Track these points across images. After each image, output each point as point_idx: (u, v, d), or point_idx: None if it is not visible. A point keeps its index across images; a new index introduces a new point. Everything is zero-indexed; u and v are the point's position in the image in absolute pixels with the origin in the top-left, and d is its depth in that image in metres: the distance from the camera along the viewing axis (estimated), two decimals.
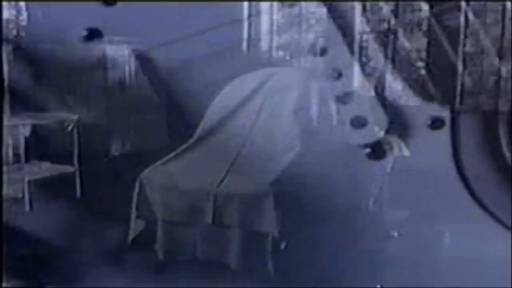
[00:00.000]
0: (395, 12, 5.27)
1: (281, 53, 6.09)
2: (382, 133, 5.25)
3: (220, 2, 6.66)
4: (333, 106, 4.81)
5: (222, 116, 4.82)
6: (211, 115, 4.87)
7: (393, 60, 5.27)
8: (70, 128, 7.06)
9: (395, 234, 5.08)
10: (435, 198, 4.99)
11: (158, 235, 4.47)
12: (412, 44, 5.46)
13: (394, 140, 5.59)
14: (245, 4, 6.61)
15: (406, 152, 5.70)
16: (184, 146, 4.80)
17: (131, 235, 4.75)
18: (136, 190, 4.65)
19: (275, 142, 4.53)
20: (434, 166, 5.15)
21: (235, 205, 4.17)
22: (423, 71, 5.31)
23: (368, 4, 5.32)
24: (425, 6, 5.22)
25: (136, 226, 4.74)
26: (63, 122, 7.01)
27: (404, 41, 5.32)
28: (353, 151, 4.66)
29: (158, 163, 4.75)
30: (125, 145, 9.89)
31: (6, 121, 5.20)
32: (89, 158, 7.22)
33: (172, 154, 4.76)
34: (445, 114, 5.17)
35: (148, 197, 4.49)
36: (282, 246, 4.30)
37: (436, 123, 5.30)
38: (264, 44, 10.41)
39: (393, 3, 5.30)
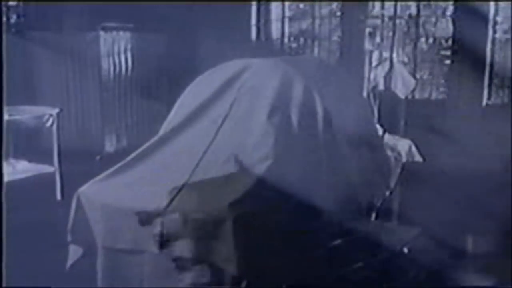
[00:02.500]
0: None
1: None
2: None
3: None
4: (320, 107, 3.64)
5: (183, 119, 3.89)
6: (173, 117, 3.98)
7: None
8: (49, 123, 6.39)
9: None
10: None
11: (98, 264, 3.46)
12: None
13: (406, 144, 4.87)
14: None
15: (418, 158, 4.99)
16: (133, 155, 3.84)
17: (69, 262, 3.64)
18: (72, 209, 3.54)
19: (244, 152, 3.51)
20: None
21: (186, 231, 3.14)
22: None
23: None
24: None
25: (73, 252, 3.73)
26: (41, 117, 6.32)
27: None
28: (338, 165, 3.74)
29: (101, 176, 3.70)
30: (121, 140, 9.34)
31: None
32: (76, 156, 6.69)
33: (118, 165, 3.79)
34: None
35: (87, 218, 3.47)
36: (243, 285, 3.22)
37: None
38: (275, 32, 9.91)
39: None
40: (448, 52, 8.37)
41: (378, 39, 5.05)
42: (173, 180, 3.27)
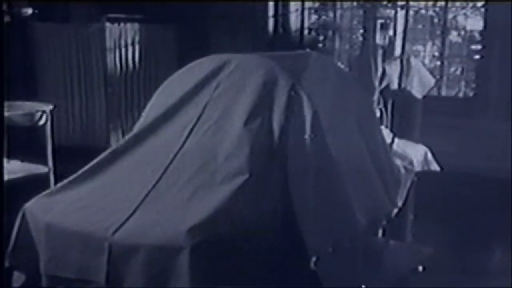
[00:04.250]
0: None
1: None
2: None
3: None
4: (308, 110, 3.06)
5: (149, 124, 3.34)
6: (142, 121, 3.43)
7: None
8: (42, 121, 5.96)
9: None
10: None
11: None
12: None
13: (421, 151, 4.32)
14: None
15: (435, 166, 4.44)
16: (90, 165, 3.28)
17: None
18: (15, 228, 2.96)
19: (215, 164, 2.94)
20: None
21: (137, 260, 2.62)
22: None
23: None
24: None
25: (16, 278, 3.17)
26: (33, 114, 5.88)
27: None
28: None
29: (52, 189, 3.17)
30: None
31: None
32: (79, 154, 6.16)
33: (72, 177, 3.24)
34: None
35: (32, 239, 2.90)
36: None
37: None
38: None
39: None
40: (479, 47, 7.84)
41: (391, 32, 4.49)
42: (129, 197, 2.80)
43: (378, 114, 4.46)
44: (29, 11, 7.67)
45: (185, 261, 2.53)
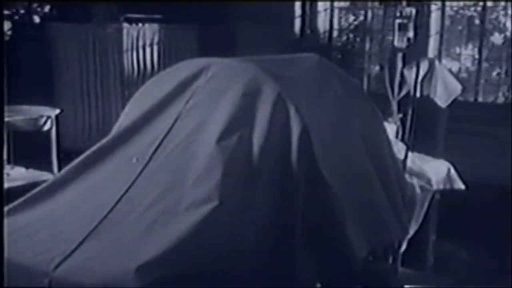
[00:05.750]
0: None
1: None
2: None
3: None
4: (296, 124, 2.60)
5: (112, 139, 2.89)
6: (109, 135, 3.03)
7: None
8: (47, 126, 5.66)
9: None
10: None
11: None
12: None
13: (442, 167, 3.86)
14: None
15: (459, 185, 3.97)
16: (45, 185, 2.88)
17: None
18: None
19: (181, 189, 2.48)
20: None
21: None
22: None
23: None
24: None
25: None
26: (38, 119, 5.57)
27: None
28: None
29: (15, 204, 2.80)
30: None
31: None
32: None
33: (24, 197, 2.84)
34: None
35: None
36: None
37: None
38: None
39: None
40: None
41: (411, 34, 4.04)
42: (79, 224, 2.43)
43: (396, 125, 4.04)
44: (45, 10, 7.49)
45: None
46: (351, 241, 2.83)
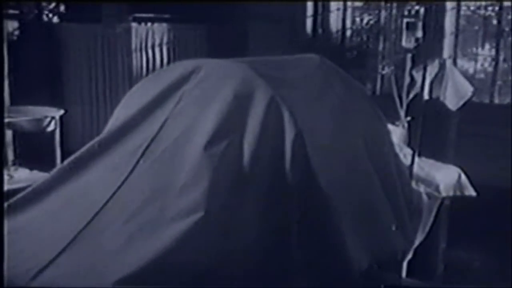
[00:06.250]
0: None
1: None
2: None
3: None
4: (290, 129, 2.43)
5: (99, 143, 2.76)
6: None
7: None
8: (51, 127, 5.55)
9: None
10: None
11: None
12: None
13: (452, 173, 3.69)
14: None
15: (470, 191, 3.80)
16: (29, 190, 2.76)
17: None
18: None
19: (167, 198, 2.33)
20: None
21: None
22: None
23: None
24: None
25: None
26: (41, 120, 5.46)
27: None
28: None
29: None
30: None
31: None
32: None
33: (13, 200, 2.69)
34: None
35: None
36: None
37: None
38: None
39: None
40: None
41: (419, 33, 3.88)
42: (59, 234, 2.30)
43: (403, 128, 3.88)
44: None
45: None
46: (349, 252, 2.68)
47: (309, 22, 8.08)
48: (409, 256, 3.42)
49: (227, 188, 2.35)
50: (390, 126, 3.70)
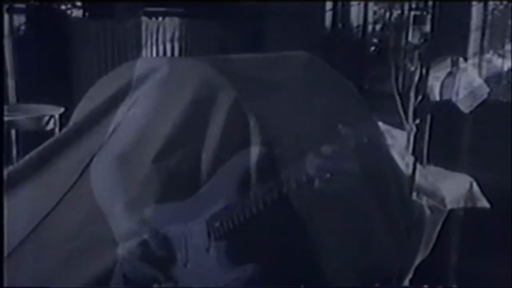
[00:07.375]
0: None
1: None
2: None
3: None
4: (256, 136, 2.09)
5: (49, 147, 2.51)
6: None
7: None
8: (50, 125, 5.32)
9: None
10: None
11: None
12: None
13: (463, 182, 3.36)
14: None
15: (483, 203, 3.47)
16: None
17: None
18: None
19: (107, 219, 2.07)
20: None
21: None
22: None
23: None
24: None
25: None
26: (41, 118, 5.24)
27: None
28: None
29: None
30: None
31: None
32: None
33: None
34: None
35: None
36: None
37: None
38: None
39: None
40: None
41: (427, 28, 3.55)
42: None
43: (408, 133, 3.55)
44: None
45: None
46: (334, 274, 2.39)
47: (328, 17, 7.80)
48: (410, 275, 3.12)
49: (179, 206, 2.08)
50: (395, 131, 3.40)
